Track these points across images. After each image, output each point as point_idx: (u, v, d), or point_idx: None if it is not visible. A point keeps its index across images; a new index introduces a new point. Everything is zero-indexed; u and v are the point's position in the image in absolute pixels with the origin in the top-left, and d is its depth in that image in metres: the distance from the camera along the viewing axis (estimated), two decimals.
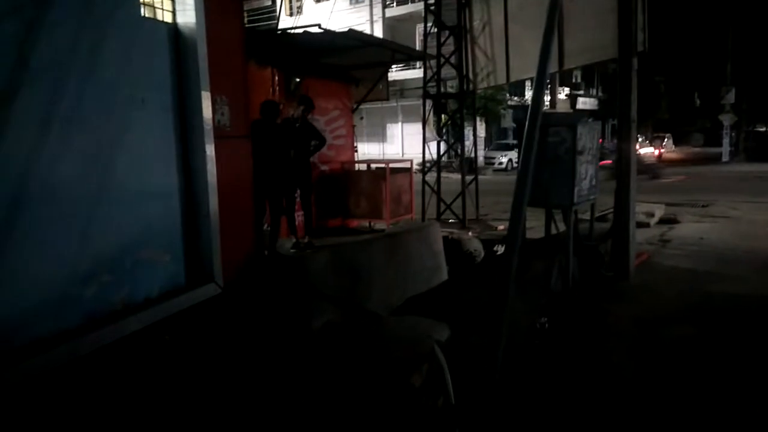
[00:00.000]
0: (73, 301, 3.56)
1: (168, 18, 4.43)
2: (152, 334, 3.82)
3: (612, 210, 6.37)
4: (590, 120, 6.23)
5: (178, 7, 4.47)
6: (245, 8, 5.81)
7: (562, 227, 6.10)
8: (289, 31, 6.90)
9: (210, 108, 4.58)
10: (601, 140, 7.07)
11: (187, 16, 4.46)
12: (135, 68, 4.09)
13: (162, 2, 4.38)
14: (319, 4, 32.19)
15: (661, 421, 3.17)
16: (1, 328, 3.13)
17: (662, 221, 9.57)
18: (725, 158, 27.19)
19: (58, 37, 3.49)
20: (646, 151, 24.13)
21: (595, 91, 38.34)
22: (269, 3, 30.34)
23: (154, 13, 4.33)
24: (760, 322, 4.64)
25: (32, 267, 3.33)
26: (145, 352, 3.67)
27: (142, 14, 4.21)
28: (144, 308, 4.00)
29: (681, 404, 3.34)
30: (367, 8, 31.32)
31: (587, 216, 6.49)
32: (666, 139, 37.37)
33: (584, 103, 35.21)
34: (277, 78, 7.73)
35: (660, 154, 32.83)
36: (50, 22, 3.43)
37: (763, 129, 38.44)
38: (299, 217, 6.41)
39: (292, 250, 5.87)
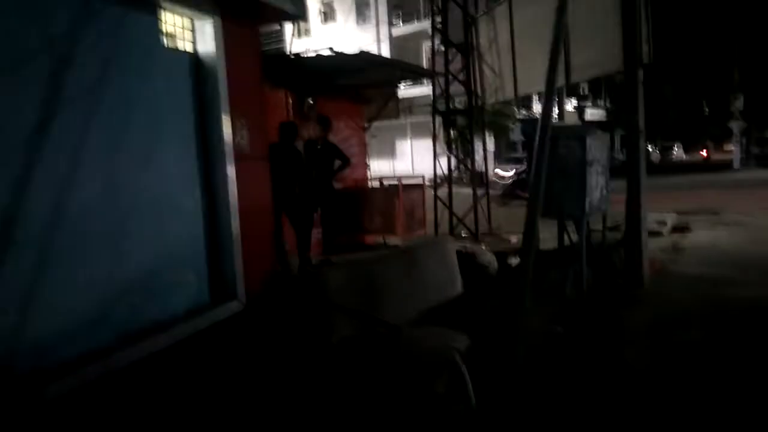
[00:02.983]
0: (105, 320, 3.72)
1: (189, 48, 4.64)
2: (180, 350, 3.96)
3: (624, 220, 6.45)
4: (599, 131, 6.35)
5: (198, 37, 4.69)
6: None
7: (575, 238, 6.19)
8: (301, 54, 7.11)
9: (230, 132, 4.77)
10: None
11: (207, 46, 4.68)
12: (158, 96, 4.30)
13: (183, 33, 4.60)
14: (326, 25, 32.70)
15: (671, 413, 3.28)
16: (40, 347, 3.29)
17: (675, 229, 9.60)
18: (736, 165, 27.08)
19: (87, 69, 3.69)
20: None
21: (602, 102, 38.43)
22: (278, 27, 30.90)
23: (176, 44, 4.54)
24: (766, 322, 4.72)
25: (67, 288, 3.50)
26: (173, 367, 3.80)
27: (165, 45, 4.43)
28: (171, 326, 4.16)
29: (690, 397, 3.46)
30: (374, 28, 31.77)
31: (600, 226, 6.57)
32: (676, 148, 37.58)
33: (592, 114, 35.28)
34: (290, 100, 7.95)
35: (708, 156, 34.80)
36: (79, 55, 3.63)
37: None
38: (317, 234, 6.56)
39: (310, 267, 6.01)
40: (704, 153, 37.24)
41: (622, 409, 3.35)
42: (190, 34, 4.67)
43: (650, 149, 33.43)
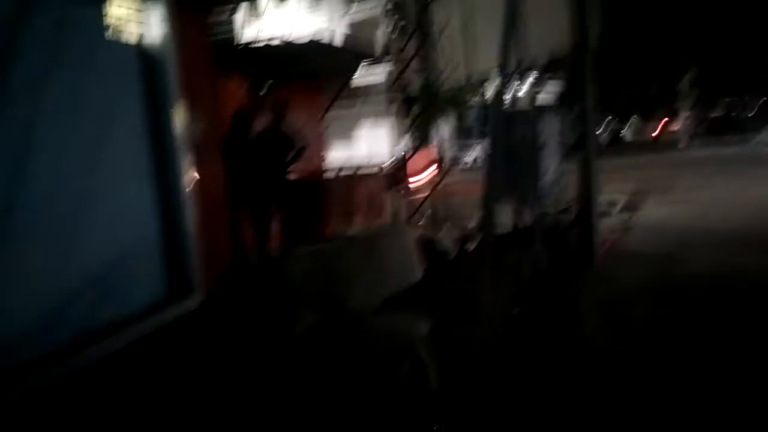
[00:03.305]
0: (60, 320, 3.62)
1: (136, 37, 4.50)
2: (139, 348, 3.90)
3: (575, 201, 6.63)
4: (551, 114, 6.50)
5: (145, 26, 4.54)
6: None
7: (529, 219, 6.33)
8: (251, 44, 6.99)
9: (182, 122, 4.66)
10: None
11: (155, 34, 4.54)
12: (105, 88, 4.16)
13: (129, 22, 4.45)
14: (279, 8, 32.10)
15: (629, 380, 3.45)
16: None
17: (624, 208, 9.92)
18: (683, 143, 27.97)
19: (30, 63, 3.55)
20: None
21: (555, 85, 39.04)
22: (229, 12, 30.09)
23: (122, 33, 4.39)
24: (716, 296, 4.96)
25: (18, 289, 3.39)
26: (132, 366, 3.74)
27: (110, 34, 4.28)
28: (129, 323, 4.07)
29: (645, 363, 3.65)
30: (327, 11, 31.37)
31: (553, 207, 6.74)
32: (626, 129, 38.61)
33: (546, 97, 35.80)
34: (243, 88, 7.81)
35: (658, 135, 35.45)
36: (20, 47, 3.49)
37: (719, 113, 39.72)
38: (277, 225, 6.51)
39: (270, 259, 5.97)
40: (655, 133, 37.66)
41: (582, 386, 3.49)
42: (136, 22, 4.52)
43: (600, 130, 34.22)
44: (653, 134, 37.07)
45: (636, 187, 12.18)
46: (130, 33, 4.46)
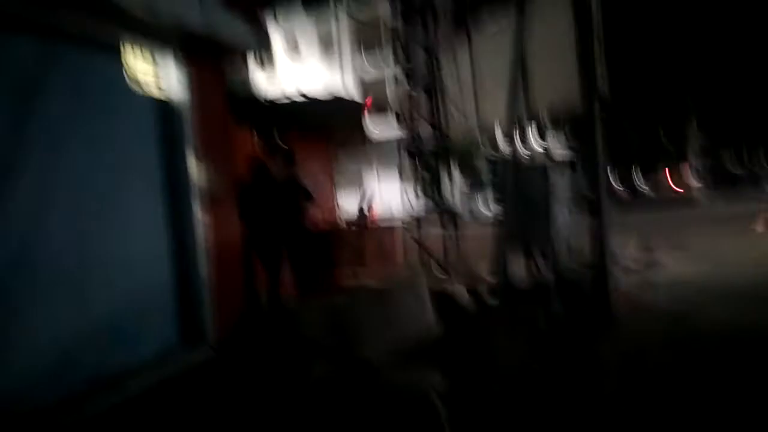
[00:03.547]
0: (73, 367, 3.60)
1: (154, 88, 4.63)
2: (151, 396, 3.84)
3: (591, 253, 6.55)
4: (563, 166, 6.53)
5: (162, 78, 4.68)
6: None
7: (544, 270, 6.26)
8: (265, 97, 7.17)
9: (197, 172, 4.74)
10: None
11: (172, 86, 4.68)
12: (123, 138, 4.27)
13: (147, 74, 4.58)
14: (292, 60, 32.91)
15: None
16: (10, 395, 3.16)
17: (642, 260, 9.78)
18: (695, 194, 27.62)
19: (51, 112, 3.66)
20: None
21: (565, 137, 39.29)
22: (242, 63, 30.83)
23: (140, 85, 4.52)
24: (736, 351, 4.81)
25: (34, 335, 3.39)
26: (144, 414, 3.68)
27: (129, 86, 4.41)
28: (141, 372, 4.03)
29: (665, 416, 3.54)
30: (339, 62, 32.08)
31: (569, 258, 6.66)
32: (644, 185, 38.39)
33: (556, 151, 35.93)
34: (256, 136, 7.95)
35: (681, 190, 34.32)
36: (43, 99, 3.60)
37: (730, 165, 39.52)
38: (289, 274, 6.50)
39: (282, 308, 5.93)
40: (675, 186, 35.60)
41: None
42: (154, 74, 4.66)
43: (615, 184, 34.18)
44: (665, 187, 35.91)
45: (652, 241, 12.04)
46: (148, 84, 4.59)
